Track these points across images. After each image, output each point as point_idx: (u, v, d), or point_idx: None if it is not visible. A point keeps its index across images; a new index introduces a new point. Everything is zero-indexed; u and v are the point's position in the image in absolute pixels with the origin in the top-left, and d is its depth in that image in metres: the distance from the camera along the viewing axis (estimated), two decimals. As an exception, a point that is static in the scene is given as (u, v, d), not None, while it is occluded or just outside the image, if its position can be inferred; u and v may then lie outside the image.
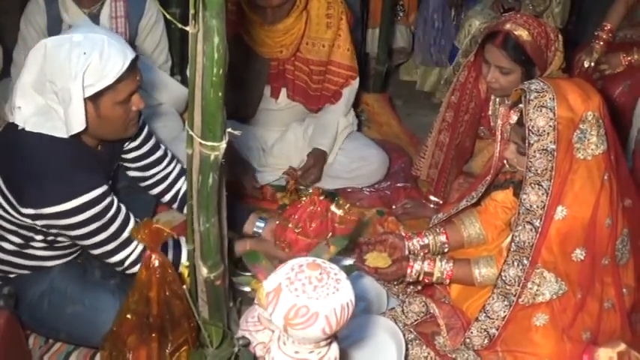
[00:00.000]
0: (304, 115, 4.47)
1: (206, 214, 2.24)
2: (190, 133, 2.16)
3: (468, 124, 3.98)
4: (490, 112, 3.95)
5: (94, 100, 2.65)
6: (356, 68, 4.31)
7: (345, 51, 4.21)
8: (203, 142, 2.06)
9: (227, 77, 1.95)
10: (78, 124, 2.63)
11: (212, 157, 2.08)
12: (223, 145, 2.05)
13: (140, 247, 2.90)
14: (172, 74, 4.64)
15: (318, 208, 3.19)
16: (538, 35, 3.44)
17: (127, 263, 2.92)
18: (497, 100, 3.88)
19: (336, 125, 4.35)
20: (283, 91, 4.31)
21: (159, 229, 2.42)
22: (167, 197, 3.39)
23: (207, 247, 2.35)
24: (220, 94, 1.95)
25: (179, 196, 3.39)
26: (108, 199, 2.79)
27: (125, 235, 2.86)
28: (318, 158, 4.28)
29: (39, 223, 2.76)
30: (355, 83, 4.36)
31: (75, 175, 2.71)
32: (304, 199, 3.24)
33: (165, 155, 3.35)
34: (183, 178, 3.36)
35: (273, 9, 3.87)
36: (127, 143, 3.17)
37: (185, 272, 2.67)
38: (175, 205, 3.44)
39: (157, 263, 2.49)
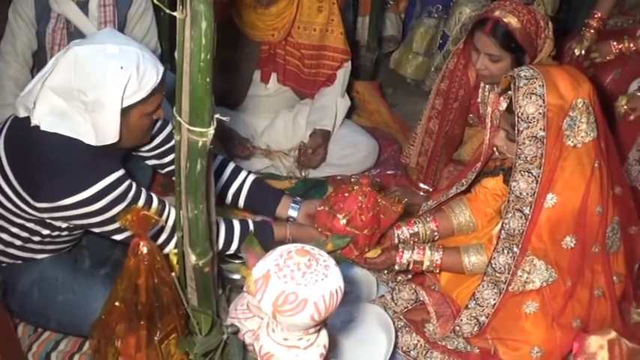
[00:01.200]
0: (294, 102, 4.46)
1: (194, 201, 2.23)
2: (178, 119, 2.15)
3: (457, 111, 3.98)
4: (479, 100, 3.95)
5: (124, 112, 2.66)
6: (349, 51, 4.31)
7: (338, 35, 4.21)
8: (191, 128, 2.05)
9: (216, 61, 1.94)
10: (111, 136, 2.67)
11: (200, 144, 2.07)
12: (211, 131, 2.04)
13: (174, 212, 2.84)
14: (162, 62, 4.61)
15: (369, 201, 3.08)
16: (527, 22, 3.43)
17: (162, 237, 2.91)
18: (487, 87, 3.88)
19: (335, 105, 4.35)
20: (273, 77, 4.30)
21: (147, 216, 2.41)
22: None
23: (196, 234, 2.35)
24: (208, 79, 1.94)
25: (241, 194, 3.39)
26: (126, 183, 2.78)
27: (155, 204, 2.85)
28: (324, 137, 4.29)
29: (54, 215, 2.74)
30: (348, 65, 4.38)
31: (91, 163, 2.69)
32: (355, 188, 3.10)
33: None
34: (240, 173, 3.39)
35: None
36: None
37: (174, 259, 2.66)
38: (240, 203, 3.43)
39: (145, 250, 2.47)
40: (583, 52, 4.46)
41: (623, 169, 3.68)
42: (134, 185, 2.82)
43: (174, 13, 1.97)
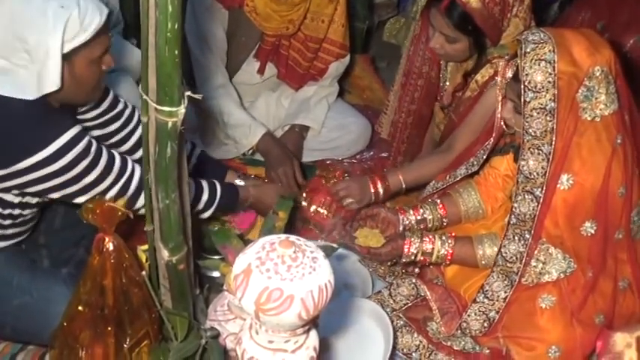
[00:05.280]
0: (278, 85, 4.49)
1: (165, 189, 2.23)
2: (145, 97, 2.14)
3: (423, 89, 3.98)
4: (441, 78, 3.93)
5: (69, 58, 2.66)
6: (347, 46, 4.34)
7: (339, 27, 4.23)
8: (159, 107, 2.04)
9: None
10: (53, 83, 2.65)
11: (170, 125, 2.06)
12: (182, 110, 2.03)
13: (138, 168, 2.92)
14: (126, 37, 4.61)
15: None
16: (490, 1, 3.29)
17: (131, 188, 2.93)
18: (449, 65, 3.86)
19: (318, 97, 4.41)
20: (268, 68, 4.32)
21: (112, 208, 2.40)
22: (137, 155, 3.37)
23: (168, 226, 2.35)
24: (176, 51, 1.93)
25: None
26: (87, 138, 2.78)
27: (118, 164, 2.88)
28: (295, 137, 4.35)
29: (8, 184, 2.74)
30: (345, 59, 4.41)
31: (43, 122, 2.70)
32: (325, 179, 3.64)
33: (125, 108, 3.37)
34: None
35: None
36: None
37: (143, 257, 2.66)
38: None
39: (111, 247, 2.47)
40: None
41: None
42: (94, 141, 2.83)
43: (137, -23, 1.96)
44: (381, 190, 3.67)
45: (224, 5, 4.02)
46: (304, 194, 3.90)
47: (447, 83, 3.87)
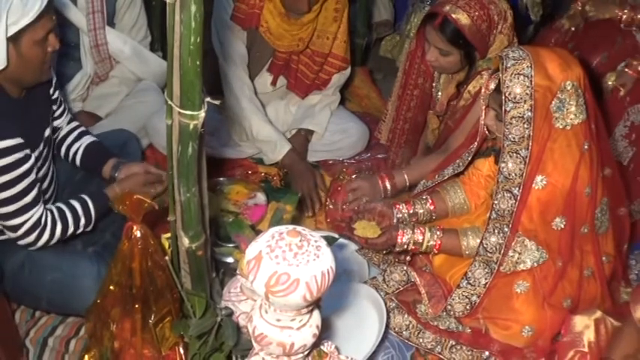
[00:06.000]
0: (286, 93, 4.47)
1: (186, 184, 2.23)
2: (170, 103, 2.14)
3: (418, 99, 3.97)
4: (434, 88, 3.93)
5: (14, 39, 2.65)
6: (348, 59, 4.33)
7: (341, 42, 4.23)
8: (182, 111, 2.04)
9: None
10: None
11: (191, 126, 2.06)
12: (202, 113, 2.04)
13: (37, 214, 2.87)
14: (153, 50, 4.60)
15: None
16: (478, 19, 3.36)
17: (22, 230, 2.86)
18: (442, 77, 3.87)
19: (322, 104, 4.39)
20: (279, 80, 4.32)
21: (140, 200, 2.41)
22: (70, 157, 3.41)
23: (189, 217, 2.34)
24: (198, 62, 1.94)
25: (77, 155, 3.39)
26: (19, 154, 2.75)
27: (28, 199, 2.82)
28: (301, 140, 4.34)
29: None
30: (346, 72, 4.41)
31: None
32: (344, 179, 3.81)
33: (65, 110, 3.36)
34: (83, 137, 3.41)
35: None
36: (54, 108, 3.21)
37: (166, 244, 2.66)
38: (77, 162, 3.41)
39: (138, 234, 2.49)
40: (573, 28, 4.43)
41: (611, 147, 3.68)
42: (30, 162, 2.82)
43: (165, -2, 1.96)
44: (388, 187, 3.71)
45: (242, 27, 4.02)
46: (328, 199, 3.93)
47: (440, 93, 3.87)
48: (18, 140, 2.74)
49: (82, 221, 3.04)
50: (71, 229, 3.00)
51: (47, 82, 3.08)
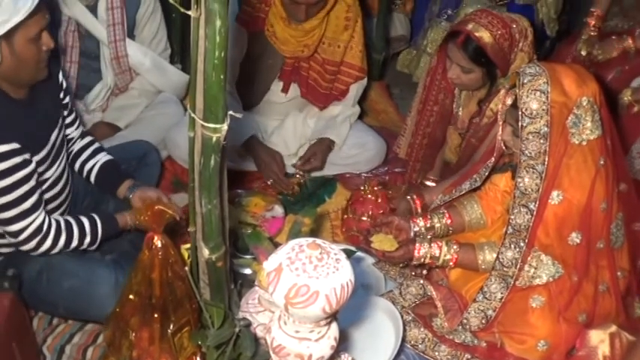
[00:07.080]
0: (304, 105, 4.48)
1: (208, 196, 2.24)
2: (193, 115, 2.15)
3: (438, 114, 3.99)
4: (454, 105, 3.95)
5: (7, 38, 2.64)
6: (365, 69, 4.35)
7: (357, 52, 4.25)
8: (205, 124, 2.06)
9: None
10: None
11: (214, 139, 2.07)
12: (225, 127, 2.05)
13: (39, 221, 2.88)
14: (172, 62, 4.63)
15: (383, 199, 3.79)
16: (501, 37, 3.41)
17: (23, 236, 2.87)
18: (463, 94, 3.89)
19: (342, 117, 4.39)
20: (292, 88, 4.33)
21: (162, 211, 2.43)
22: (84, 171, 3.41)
23: (209, 228, 2.35)
24: (222, 76, 1.95)
25: (92, 173, 3.39)
26: (17, 159, 2.75)
27: (27, 205, 2.82)
28: (322, 146, 4.32)
29: None
30: (364, 81, 4.41)
31: None
32: (366, 190, 3.83)
33: (76, 118, 3.35)
34: (98, 154, 3.41)
35: (309, 6, 3.84)
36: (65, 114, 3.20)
37: (186, 254, 2.67)
38: (92, 179, 3.40)
39: (159, 244, 2.50)
40: (587, 51, 4.46)
41: (627, 163, 3.68)
42: (29, 167, 2.81)
43: (189, 12, 1.98)
44: (419, 211, 3.67)
45: (248, 30, 4.06)
46: (348, 208, 3.92)
47: (460, 110, 3.90)
48: (14, 145, 2.73)
49: (88, 239, 3.05)
50: (74, 244, 3.01)
51: (54, 84, 3.08)
